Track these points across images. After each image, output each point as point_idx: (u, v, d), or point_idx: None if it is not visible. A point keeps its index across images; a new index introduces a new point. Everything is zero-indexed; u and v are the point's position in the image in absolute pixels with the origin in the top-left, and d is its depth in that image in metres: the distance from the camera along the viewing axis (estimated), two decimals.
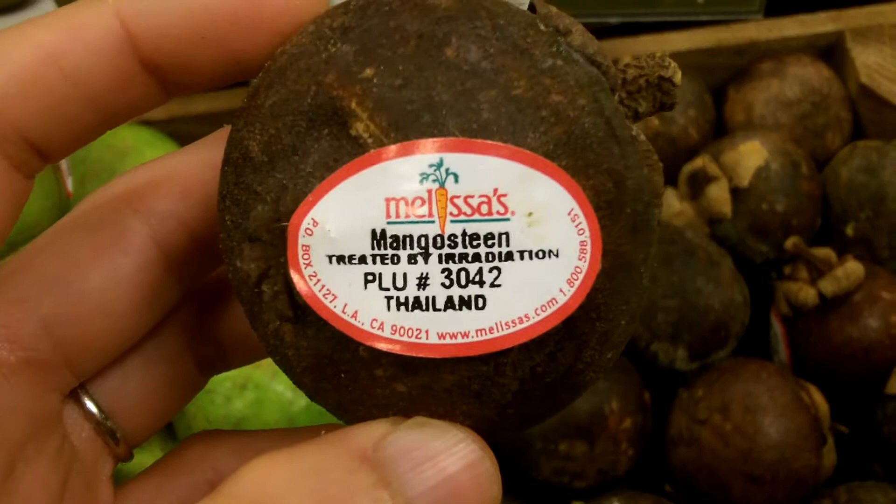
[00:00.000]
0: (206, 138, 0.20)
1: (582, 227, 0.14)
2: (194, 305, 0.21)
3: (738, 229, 0.47)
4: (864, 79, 0.51)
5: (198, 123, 0.53)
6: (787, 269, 0.46)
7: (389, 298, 0.14)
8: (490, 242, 0.14)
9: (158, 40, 0.16)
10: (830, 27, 0.53)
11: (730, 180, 0.47)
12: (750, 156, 0.47)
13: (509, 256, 0.14)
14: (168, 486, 0.20)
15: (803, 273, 0.44)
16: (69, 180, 0.49)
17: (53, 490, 0.18)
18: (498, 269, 0.14)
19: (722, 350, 0.44)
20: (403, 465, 0.14)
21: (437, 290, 0.14)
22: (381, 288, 0.14)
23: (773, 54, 0.53)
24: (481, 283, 0.14)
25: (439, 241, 0.14)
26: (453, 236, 0.14)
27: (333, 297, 0.14)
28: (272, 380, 0.41)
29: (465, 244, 0.14)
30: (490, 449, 0.15)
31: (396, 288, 0.14)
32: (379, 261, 0.14)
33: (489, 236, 0.14)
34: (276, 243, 0.15)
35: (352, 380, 0.15)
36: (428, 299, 0.14)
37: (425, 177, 0.14)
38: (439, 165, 0.14)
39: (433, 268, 0.14)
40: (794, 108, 0.51)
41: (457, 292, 0.14)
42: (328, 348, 0.15)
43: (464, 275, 0.14)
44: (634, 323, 0.16)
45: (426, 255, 0.14)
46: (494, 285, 0.14)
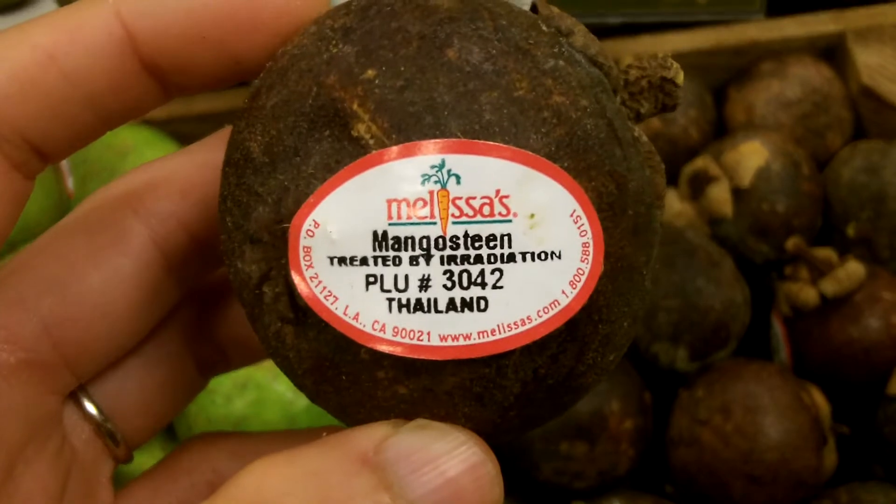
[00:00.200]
0: (207, 139, 0.20)
1: (584, 228, 0.14)
2: (194, 307, 0.21)
3: (738, 229, 0.47)
4: (866, 79, 0.51)
5: (198, 123, 0.53)
6: (788, 270, 0.45)
7: (391, 300, 0.14)
8: (492, 244, 0.14)
9: (159, 41, 0.16)
10: (831, 27, 0.53)
11: (730, 181, 0.47)
12: (751, 156, 0.47)
13: (511, 258, 0.14)
14: (168, 488, 0.20)
15: (804, 273, 0.44)
16: (70, 180, 0.49)
17: (53, 491, 0.18)
18: (500, 271, 0.14)
19: (722, 350, 0.43)
20: (404, 468, 0.14)
21: (438, 292, 0.14)
22: (383, 290, 0.14)
23: (774, 54, 0.53)
24: (483, 284, 0.14)
25: (441, 242, 0.14)
26: (455, 238, 0.14)
27: (335, 298, 0.14)
28: (273, 380, 0.41)
29: (466, 246, 0.14)
30: (492, 451, 0.15)
31: (398, 290, 0.14)
32: (380, 262, 0.14)
33: (491, 238, 0.14)
34: (277, 245, 0.14)
35: (353, 382, 0.15)
36: (430, 301, 0.14)
37: (427, 178, 0.14)
38: (441, 167, 0.14)
39: (435, 269, 0.14)
40: (794, 108, 0.51)
41: (459, 294, 0.14)
42: (329, 350, 0.15)
43: (466, 276, 0.14)
44: (637, 325, 0.16)
45: (428, 257, 0.14)
46: (496, 287, 0.14)
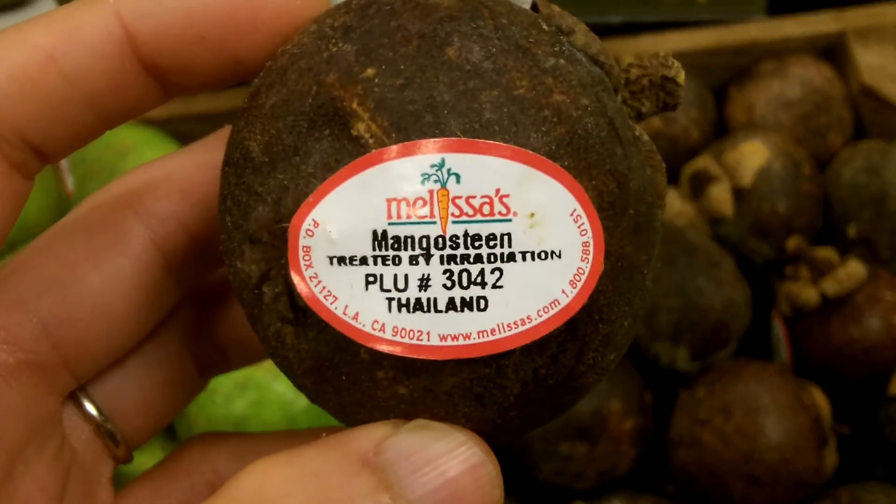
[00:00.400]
0: (206, 139, 0.20)
1: (584, 227, 0.14)
2: (194, 307, 0.21)
3: (739, 229, 0.47)
4: (866, 79, 0.51)
5: (198, 123, 0.53)
6: (789, 270, 0.45)
7: (391, 300, 0.14)
8: (492, 243, 0.14)
9: (158, 40, 0.16)
10: (832, 27, 0.53)
11: (731, 180, 0.47)
12: (751, 156, 0.47)
13: (511, 257, 0.14)
14: (168, 489, 0.20)
15: (805, 273, 0.44)
16: (69, 180, 0.49)
17: (53, 492, 0.18)
18: (500, 271, 0.14)
19: (723, 350, 0.43)
20: (404, 469, 0.14)
21: (438, 292, 0.14)
22: (383, 289, 0.14)
23: (775, 54, 0.53)
24: (483, 284, 0.14)
25: (441, 241, 0.14)
26: (455, 237, 0.14)
27: (334, 298, 0.14)
28: (273, 380, 0.41)
29: (466, 245, 0.14)
30: (492, 452, 0.15)
31: (398, 289, 0.14)
32: (380, 262, 0.14)
33: (491, 237, 0.14)
34: (276, 244, 0.14)
35: (353, 382, 0.15)
36: (429, 301, 0.14)
37: (427, 177, 0.14)
38: (441, 166, 0.14)
39: (435, 269, 0.14)
40: (795, 108, 0.51)
41: (458, 293, 0.14)
42: (329, 350, 0.15)
43: (465, 276, 0.14)
44: (637, 325, 0.16)
45: (427, 257, 0.14)
46: (496, 286, 0.14)
